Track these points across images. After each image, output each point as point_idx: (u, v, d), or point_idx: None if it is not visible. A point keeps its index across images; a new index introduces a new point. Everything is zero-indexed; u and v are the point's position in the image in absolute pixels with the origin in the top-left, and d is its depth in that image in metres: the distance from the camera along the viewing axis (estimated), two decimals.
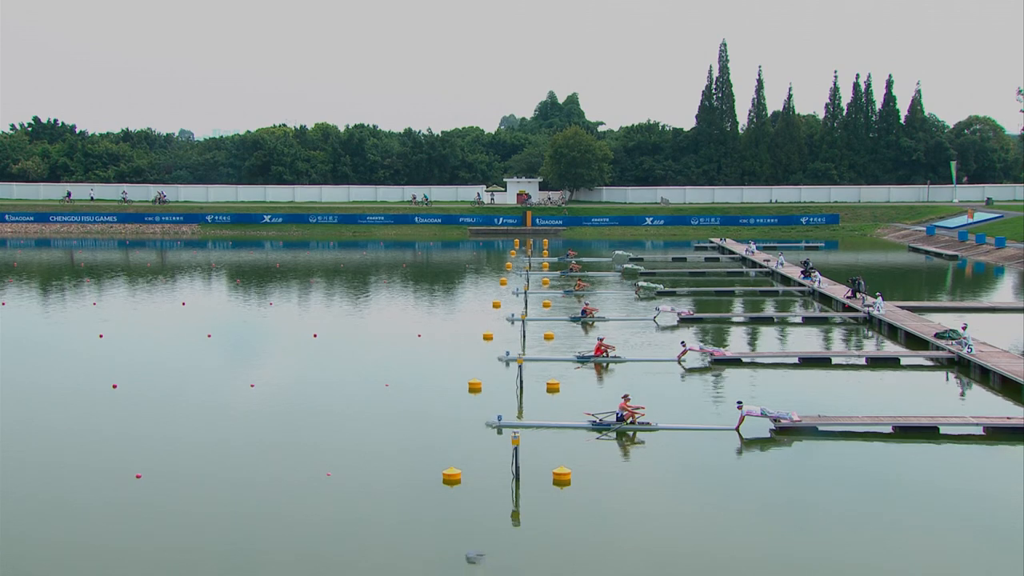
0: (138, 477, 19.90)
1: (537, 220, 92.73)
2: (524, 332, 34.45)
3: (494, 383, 27.87)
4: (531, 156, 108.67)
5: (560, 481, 19.43)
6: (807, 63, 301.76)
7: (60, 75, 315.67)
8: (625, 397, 23.82)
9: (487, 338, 35.18)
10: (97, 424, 24.10)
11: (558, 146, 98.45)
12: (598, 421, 23.20)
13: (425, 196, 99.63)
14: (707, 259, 68.53)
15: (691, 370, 30.34)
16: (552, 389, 27.17)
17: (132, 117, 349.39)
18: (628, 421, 23.13)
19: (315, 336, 36.15)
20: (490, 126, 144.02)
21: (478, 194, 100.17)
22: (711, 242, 79.22)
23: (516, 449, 19.11)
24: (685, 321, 39.13)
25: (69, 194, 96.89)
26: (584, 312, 40.08)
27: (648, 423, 23.24)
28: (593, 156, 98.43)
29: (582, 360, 31.05)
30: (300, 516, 18.00)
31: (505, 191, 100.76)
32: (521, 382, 26.63)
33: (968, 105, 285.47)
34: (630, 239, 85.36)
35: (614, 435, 22.87)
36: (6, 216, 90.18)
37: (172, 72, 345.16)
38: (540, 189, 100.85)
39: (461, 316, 41.79)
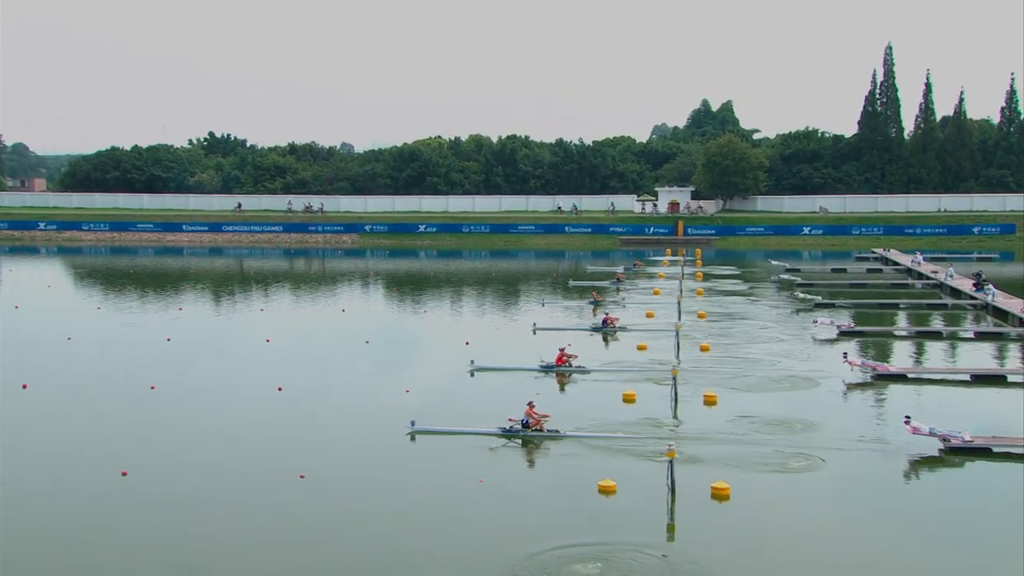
0: (302, 477, 20.78)
1: (689, 230, 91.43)
2: (678, 343, 33.99)
3: (649, 394, 27.62)
4: (683, 165, 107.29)
5: (719, 496, 19.09)
6: (980, 65, 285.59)
7: (234, 93, 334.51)
8: (531, 404, 23.80)
9: (641, 348, 34.92)
10: (263, 425, 25.25)
11: (711, 154, 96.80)
12: (508, 428, 23.36)
13: (574, 205, 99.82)
14: (869, 270, 65.85)
15: (853, 385, 29.20)
16: (709, 401, 26.71)
17: (298, 131, 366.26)
18: (535, 428, 23.22)
19: (467, 343, 36.78)
20: (642, 135, 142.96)
21: (611, 204, 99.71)
22: (873, 252, 76.07)
23: (672, 462, 18.88)
24: (845, 334, 37.68)
25: (240, 205, 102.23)
26: (605, 322, 39.28)
27: (556, 431, 23.24)
28: (748, 164, 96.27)
29: (545, 369, 30.87)
30: (454, 520, 18.36)
31: (656, 200, 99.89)
32: (676, 393, 26.29)
33: None
34: (786, 249, 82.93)
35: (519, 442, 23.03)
36: (183, 226, 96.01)
37: (336, 88, 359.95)
38: (692, 198, 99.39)
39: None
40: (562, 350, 31.74)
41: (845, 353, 31.33)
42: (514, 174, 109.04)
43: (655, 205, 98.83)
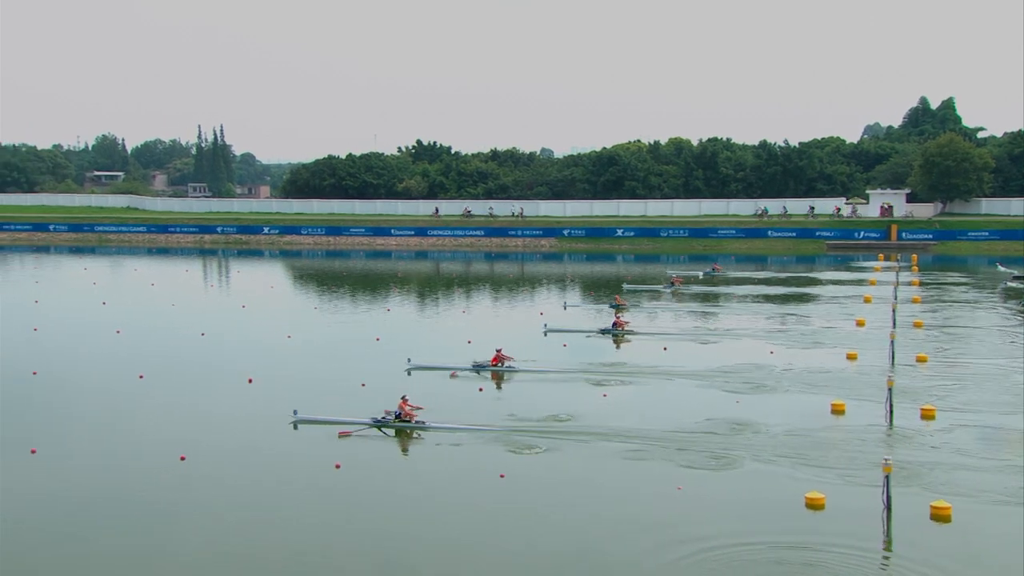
0: (502, 476, 21.13)
1: (903, 234, 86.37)
2: (893, 353, 32.12)
3: (860, 405, 26.22)
4: (897, 166, 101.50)
5: (939, 517, 17.84)
6: None
7: (441, 103, 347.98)
8: (404, 398, 25.09)
9: (851, 357, 33.24)
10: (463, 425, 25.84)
11: (930, 155, 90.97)
12: (380, 418, 24.70)
13: (764, 208, 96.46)
14: None
15: None
16: (927, 415, 25.05)
17: (500, 137, 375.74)
18: (407, 420, 24.49)
19: (664, 349, 36.24)
20: (852, 135, 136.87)
21: (783, 207, 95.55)
22: None
23: (888, 477, 17.79)
24: None
25: (436, 210, 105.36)
26: (615, 325, 39.51)
27: (423, 422, 24.54)
28: (971, 165, 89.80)
29: (478, 369, 31.76)
30: (648, 523, 18.15)
31: (867, 203, 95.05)
32: (891, 405, 24.84)
33: None
34: (1015, 255, 76.65)
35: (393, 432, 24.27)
36: (392, 231, 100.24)
37: (537, 94, 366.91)
38: (907, 201, 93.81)
39: (821, 334, 39.64)
40: (499, 351, 32.31)
41: None
42: (714, 177, 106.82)
43: (838, 209, 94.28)
